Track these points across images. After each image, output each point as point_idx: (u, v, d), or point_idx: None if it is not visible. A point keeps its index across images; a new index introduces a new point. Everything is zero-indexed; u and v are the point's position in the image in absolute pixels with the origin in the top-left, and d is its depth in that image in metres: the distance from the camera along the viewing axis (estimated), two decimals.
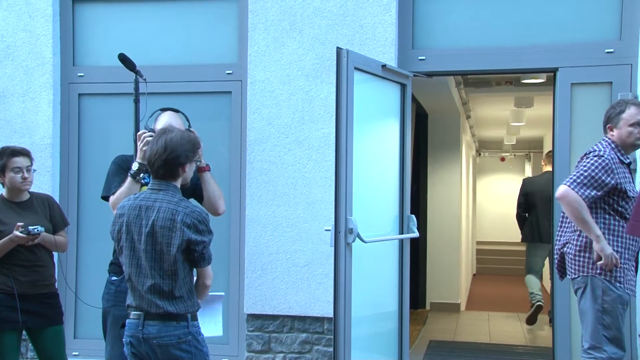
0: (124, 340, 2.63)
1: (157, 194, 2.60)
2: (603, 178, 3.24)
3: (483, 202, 16.28)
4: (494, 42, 4.46)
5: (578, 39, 4.33)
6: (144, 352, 2.55)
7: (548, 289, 8.05)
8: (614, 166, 3.27)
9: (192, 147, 2.66)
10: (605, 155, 3.28)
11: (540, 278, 6.68)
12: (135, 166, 3.10)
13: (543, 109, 8.43)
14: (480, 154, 15.65)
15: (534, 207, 6.48)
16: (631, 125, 3.35)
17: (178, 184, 2.66)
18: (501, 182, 17.30)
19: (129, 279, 2.61)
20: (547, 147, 10.93)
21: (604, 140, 3.43)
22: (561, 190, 3.26)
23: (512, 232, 8.06)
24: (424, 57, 4.51)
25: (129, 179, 3.11)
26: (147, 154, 2.64)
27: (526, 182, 6.91)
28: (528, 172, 15.89)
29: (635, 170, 4.15)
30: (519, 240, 7.08)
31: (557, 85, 4.32)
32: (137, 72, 3.18)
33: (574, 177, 3.26)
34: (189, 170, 2.69)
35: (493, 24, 4.49)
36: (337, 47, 3.56)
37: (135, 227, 2.56)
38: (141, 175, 3.11)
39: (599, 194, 3.24)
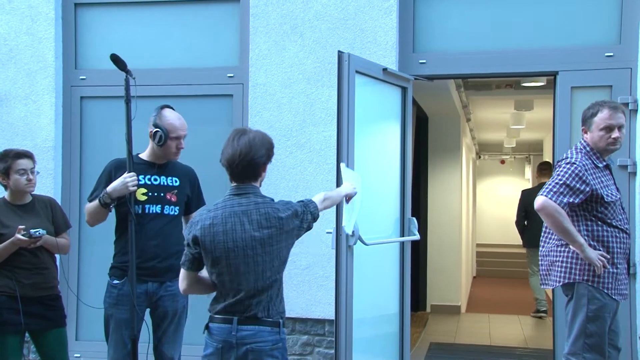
0: (213, 344, 2.52)
1: (247, 197, 2.52)
2: (577, 186, 3.19)
3: (483, 205, 16.29)
4: (494, 46, 4.48)
5: (578, 43, 4.35)
6: (234, 357, 2.48)
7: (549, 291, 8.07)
8: (586, 173, 3.21)
9: (270, 145, 2.59)
10: (577, 163, 3.23)
11: None
12: (106, 198, 3.13)
13: (543, 112, 8.45)
14: (480, 157, 15.67)
15: (533, 216, 6.86)
16: (602, 129, 3.28)
17: (258, 184, 2.59)
18: (501, 184, 17.32)
19: (229, 286, 2.50)
20: (547, 150, 10.95)
21: (579, 143, 3.38)
22: (540, 201, 3.19)
23: (512, 235, 8.13)
24: (424, 61, 4.53)
25: (96, 203, 3.17)
26: (228, 154, 2.51)
27: (525, 194, 7.46)
28: (528, 174, 15.91)
29: (635, 173, 4.17)
30: (519, 242, 7.74)
31: (557, 89, 4.34)
32: (127, 72, 3.18)
33: (550, 187, 3.21)
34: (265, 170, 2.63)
35: (493, 28, 4.51)
36: (339, 51, 3.58)
37: (236, 234, 2.47)
38: (111, 206, 3.19)
39: (576, 200, 3.19)
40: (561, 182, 3.19)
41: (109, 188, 3.14)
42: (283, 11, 4.58)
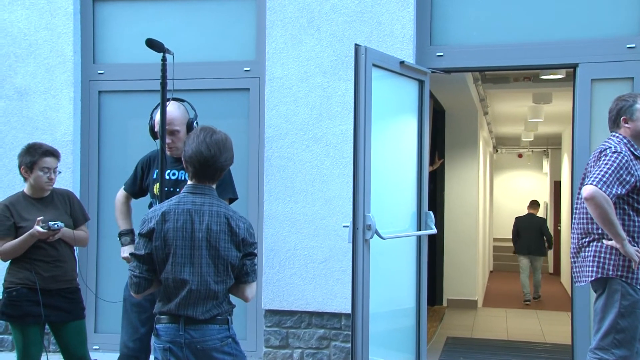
0: (159, 346, 2.49)
1: (202, 197, 2.48)
2: (624, 176, 3.12)
3: (500, 199, 16.18)
4: (513, 38, 4.43)
5: (598, 34, 4.29)
6: (184, 357, 2.45)
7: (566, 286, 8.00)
8: (631, 163, 3.17)
9: (232, 151, 2.55)
10: (623, 152, 3.17)
11: (530, 273, 9.41)
12: (124, 241, 3.38)
13: (562, 105, 8.35)
14: (497, 151, 15.54)
15: (522, 232, 9.42)
16: None
17: (214, 186, 2.56)
18: (518, 178, 17.18)
19: (173, 285, 2.45)
20: (566, 144, 10.83)
21: (614, 136, 3.31)
22: (589, 190, 3.06)
23: None
24: (441, 54, 4.49)
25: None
26: (197, 152, 2.45)
27: (518, 220, 9.60)
28: (546, 168, 15.74)
29: None
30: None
31: (577, 81, 4.29)
32: (165, 50, 3.05)
33: (599, 176, 3.10)
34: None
35: (511, 20, 4.46)
36: (356, 44, 3.56)
37: (186, 232, 2.44)
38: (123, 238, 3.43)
39: (622, 192, 3.12)
40: (610, 171, 3.10)
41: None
42: (299, 4, 4.57)
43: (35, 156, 3.42)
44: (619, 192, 3.11)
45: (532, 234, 9.33)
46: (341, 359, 4.49)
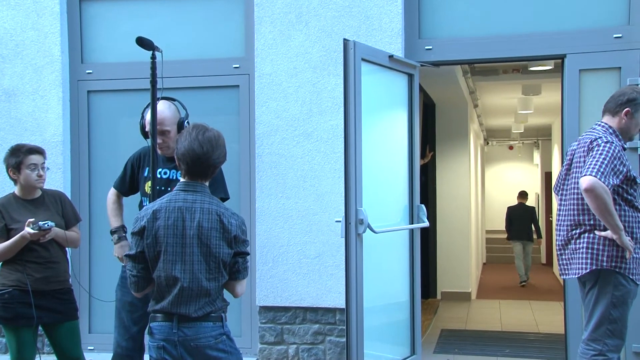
0: (154, 344, 2.50)
1: (193, 195, 2.48)
2: (618, 166, 3.11)
3: (492, 191, 16.25)
4: (501, 30, 4.44)
5: (586, 25, 4.30)
6: (178, 355, 2.46)
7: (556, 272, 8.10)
8: (621, 153, 3.16)
9: (225, 146, 2.55)
10: (615, 142, 3.16)
11: (522, 258, 10.29)
12: (114, 238, 3.44)
13: (551, 96, 8.39)
14: (488, 143, 15.60)
15: (514, 220, 10.41)
16: None
17: (207, 183, 2.56)
18: (510, 170, 17.25)
19: (165, 283, 2.46)
20: (556, 135, 10.89)
21: (599, 125, 3.28)
22: (589, 181, 3.01)
23: None
24: (430, 47, 4.50)
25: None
26: (189, 149, 2.45)
27: (510, 209, 10.55)
28: (537, 160, 15.82)
29: None
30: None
31: (565, 72, 4.31)
32: (155, 48, 3.05)
33: (597, 167, 3.06)
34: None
35: (499, 12, 4.47)
36: (344, 39, 3.56)
37: (177, 230, 2.44)
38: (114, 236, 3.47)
39: (617, 182, 3.11)
40: (606, 161, 3.07)
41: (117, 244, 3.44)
42: (287, 0, 4.56)
43: (19, 156, 3.42)
44: (615, 182, 3.09)
45: (523, 222, 10.32)
46: (336, 353, 4.50)
